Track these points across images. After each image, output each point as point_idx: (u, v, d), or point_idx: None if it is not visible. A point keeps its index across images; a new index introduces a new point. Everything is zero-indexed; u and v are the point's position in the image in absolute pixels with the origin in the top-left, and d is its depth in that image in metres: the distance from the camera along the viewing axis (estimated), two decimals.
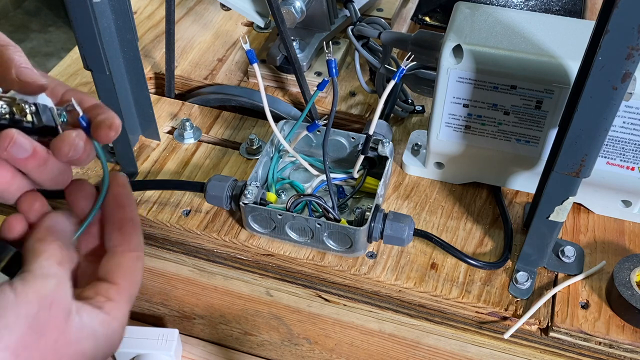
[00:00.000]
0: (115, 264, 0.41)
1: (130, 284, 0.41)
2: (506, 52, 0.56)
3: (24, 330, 0.34)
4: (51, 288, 0.36)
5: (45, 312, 0.35)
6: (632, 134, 0.56)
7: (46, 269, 0.37)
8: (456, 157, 0.66)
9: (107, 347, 0.39)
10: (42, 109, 0.41)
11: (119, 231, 0.42)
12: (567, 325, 0.56)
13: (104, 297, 0.40)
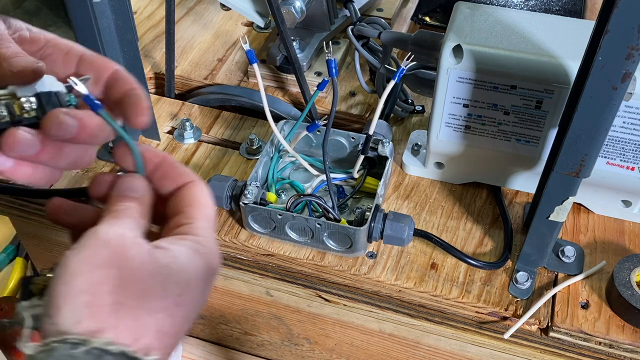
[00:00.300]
0: (177, 199, 0.41)
1: (200, 205, 0.41)
2: (506, 52, 0.56)
3: (88, 271, 0.34)
4: (103, 230, 0.36)
5: (102, 249, 0.35)
6: (632, 134, 0.56)
7: (100, 224, 0.37)
8: (456, 157, 0.66)
9: (209, 267, 0.39)
10: (46, 97, 0.40)
11: (165, 178, 0.42)
12: (567, 325, 0.56)
13: (177, 225, 0.40)
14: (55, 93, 0.40)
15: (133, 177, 0.41)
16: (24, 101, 0.39)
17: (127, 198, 0.40)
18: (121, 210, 0.39)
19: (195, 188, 0.42)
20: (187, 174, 0.42)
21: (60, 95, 0.40)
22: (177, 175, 0.42)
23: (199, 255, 0.38)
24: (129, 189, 0.40)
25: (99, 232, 0.36)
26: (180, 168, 0.42)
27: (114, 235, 0.36)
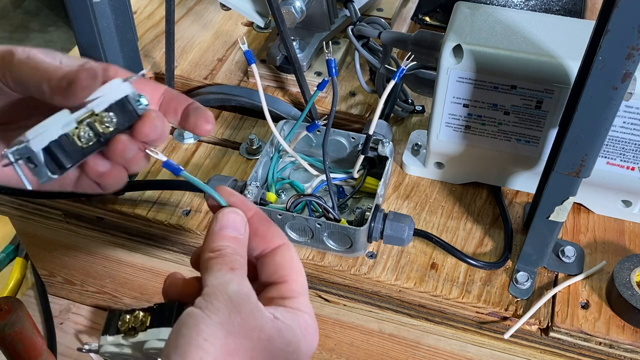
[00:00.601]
0: (273, 264, 0.40)
1: (297, 274, 0.40)
2: (506, 52, 0.56)
3: (224, 337, 0.34)
4: (233, 290, 0.36)
5: (236, 315, 0.35)
6: (632, 134, 0.56)
7: (221, 277, 0.36)
8: (456, 157, 0.66)
9: (310, 339, 0.38)
10: (120, 105, 0.39)
11: (255, 236, 0.41)
12: (567, 326, 0.56)
13: (282, 297, 0.39)
14: (126, 98, 0.40)
15: (235, 213, 0.40)
16: (104, 116, 0.39)
17: (230, 238, 0.39)
18: (229, 254, 0.38)
19: (291, 253, 0.41)
20: (280, 235, 0.41)
21: (130, 99, 0.40)
22: (269, 235, 0.41)
23: (309, 333, 0.38)
24: (232, 227, 0.39)
25: (229, 291, 0.35)
26: (273, 227, 0.41)
27: (244, 299, 0.36)
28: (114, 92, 0.39)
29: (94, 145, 0.39)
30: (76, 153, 0.38)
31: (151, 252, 0.71)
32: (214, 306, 0.35)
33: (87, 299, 0.88)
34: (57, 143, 0.38)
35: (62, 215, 0.71)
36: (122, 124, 0.39)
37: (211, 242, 0.39)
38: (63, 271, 0.85)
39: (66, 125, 0.38)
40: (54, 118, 0.38)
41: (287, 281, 0.39)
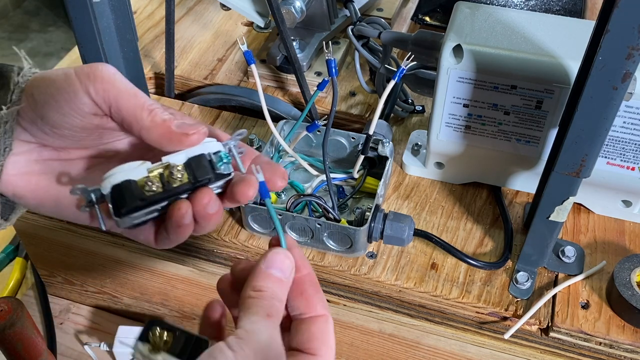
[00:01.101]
0: (308, 333, 0.40)
1: (328, 349, 0.39)
2: (506, 52, 0.56)
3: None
4: (265, 341, 0.36)
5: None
6: (633, 134, 0.56)
7: (256, 323, 0.36)
8: (456, 157, 0.66)
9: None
10: (196, 162, 0.39)
11: (301, 296, 0.40)
12: (567, 326, 0.56)
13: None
14: (208, 155, 0.39)
15: (285, 256, 0.40)
16: (175, 171, 0.39)
17: (275, 280, 0.39)
18: (269, 297, 0.38)
19: (329, 327, 0.40)
20: (323, 305, 0.41)
21: (212, 158, 0.40)
22: (314, 301, 0.40)
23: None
24: (279, 268, 0.39)
25: (261, 341, 0.35)
26: (320, 294, 0.41)
27: (273, 355, 0.36)
28: (198, 148, 0.39)
29: (157, 196, 0.38)
30: (139, 201, 0.38)
31: (151, 252, 0.71)
32: (244, 352, 0.35)
33: (87, 299, 0.88)
34: (123, 187, 0.38)
35: None
36: (193, 183, 0.39)
37: (254, 279, 0.38)
38: (63, 271, 0.85)
39: (137, 171, 0.38)
40: (131, 164, 0.39)
41: (317, 355, 0.39)
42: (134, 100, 0.40)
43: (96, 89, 0.39)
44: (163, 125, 0.39)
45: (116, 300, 0.85)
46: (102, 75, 0.40)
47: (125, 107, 0.40)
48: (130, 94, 0.40)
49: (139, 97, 0.40)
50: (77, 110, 0.40)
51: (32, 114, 0.40)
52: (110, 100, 0.40)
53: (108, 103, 0.40)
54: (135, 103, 0.40)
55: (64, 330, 0.86)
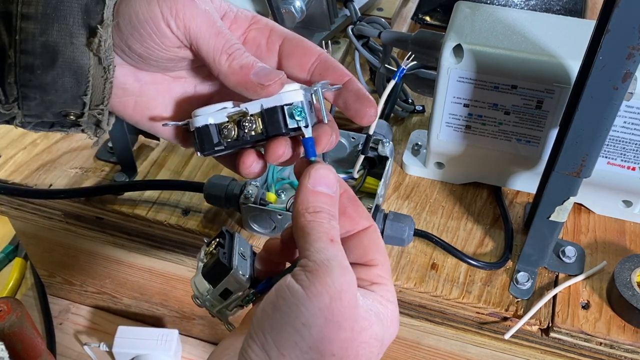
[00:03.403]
0: (362, 247, 0.39)
1: (384, 258, 0.39)
2: (507, 51, 0.56)
3: (323, 324, 0.33)
4: (337, 276, 0.34)
5: (337, 303, 0.33)
6: (633, 134, 0.56)
7: (323, 252, 0.35)
8: (456, 157, 0.65)
9: (393, 330, 0.37)
10: (270, 114, 0.39)
11: (344, 215, 0.39)
12: (567, 326, 0.56)
13: (371, 282, 0.38)
14: (281, 108, 0.39)
15: (329, 170, 0.38)
16: (248, 120, 0.39)
17: (325, 197, 0.37)
18: (327, 219, 0.36)
19: (378, 235, 0.39)
20: (367, 216, 0.40)
21: (286, 111, 0.39)
22: (356, 216, 0.39)
23: (393, 325, 0.37)
24: (326, 184, 0.37)
25: (333, 275, 0.34)
26: (360, 208, 0.40)
27: (346, 287, 0.34)
28: (276, 97, 0.39)
29: (233, 143, 0.40)
30: (216, 146, 0.40)
31: (151, 252, 0.70)
32: (317, 289, 0.33)
33: (87, 299, 0.88)
34: (203, 131, 0.40)
35: (61, 216, 0.71)
36: (265, 135, 0.39)
37: (305, 201, 0.37)
38: (62, 271, 0.85)
39: (217, 115, 0.40)
40: (217, 106, 0.40)
41: (377, 265, 0.38)
42: (213, 40, 0.39)
43: (177, 23, 0.38)
44: (240, 72, 0.38)
45: (116, 301, 0.85)
46: (183, 9, 0.38)
47: (204, 48, 0.39)
48: (212, 33, 0.39)
49: (220, 36, 0.39)
50: (160, 44, 0.39)
51: (120, 42, 0.39)
52: (190, 38, 0.39)
53: (189, 40, 0.39)
54: (215, 45, 0.39)
55: (63, 330, 0.86)
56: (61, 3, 0.38)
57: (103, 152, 0.72)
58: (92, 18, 0.38)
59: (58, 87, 0.39)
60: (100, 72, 0.39)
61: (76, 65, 0.39)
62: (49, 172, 0.70)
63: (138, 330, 0.79)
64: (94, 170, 0.70)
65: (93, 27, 0.38)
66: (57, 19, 0.38)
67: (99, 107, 0.41)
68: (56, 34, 0.38)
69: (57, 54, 0.38)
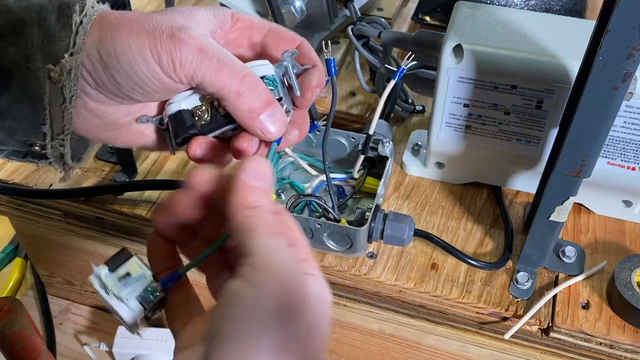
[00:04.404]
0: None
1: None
2: (507, 51, 0.56)
3: (279, 325, 0.30)
4: (282, 264, 0.32)
5: (287, 295, 0.31)
6: (633, 133, 0.56)
7: (267, 246, 0.32)
8: (457, 157, 0.65)
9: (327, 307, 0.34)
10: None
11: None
12: (567, 326, 0.56)
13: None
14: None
15: (263, 163, 0.36)
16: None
17: (263, 193, 0.35)
18: (266, 212, 0.34)
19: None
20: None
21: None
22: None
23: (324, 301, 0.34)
24: (261, 178, 0.35)
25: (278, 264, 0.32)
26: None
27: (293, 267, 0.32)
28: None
29: (208, 126, 0.40)
30: (190, 131, 0.40)
31: None
32: (268, 283, 0.31)
33: (87, 299, 0.88)
34: (177, 117, 0.39)
35: (61, 216, 0.71)
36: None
37: (242, 194, 0.34)
38: (62, 271, 0.85)
39: (190, 100, 0.39)
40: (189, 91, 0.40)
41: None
42: (216, 79, 0.38)
43: (179, 74, 0.37)
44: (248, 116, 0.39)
45: None
46: (180, 54, 0.37)
47: (211, 89, 0.38)
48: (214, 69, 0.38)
49: (224, 72, 0.38)
50: (159, 87, 0.38)
51: (100, 72, 0.37)
52: (194, 81, 0.38)
53: (193, 82, 0.38)
54: (220, 84, 0.38)
55: (63, 330, 0.86)
56: (21, 25, 0.36)
57: (103, 152, 0.72)
58: (54, 44, 0.36)
59: (15, 112, 0.38)
60: (58, 99, 0.37)
61: (31, 92, 0.37)
62: (49, 172, 0.70)
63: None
64: (94, 170, 0.70)
65: (55, 53, 0.36)
66: (14, 41, 0.36)
67: (60, 136, 0.39)
68: (11, 57, 0.36)
69: (11, 78, 0.36)
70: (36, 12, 0.36)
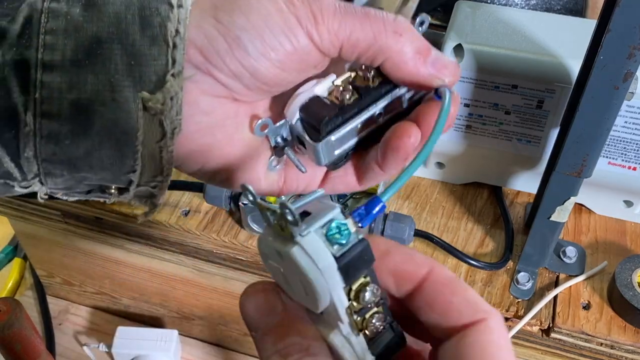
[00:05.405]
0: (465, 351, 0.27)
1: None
2: (507, 51, 0.56)
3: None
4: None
5: None
6: (634, 133, 0.56)
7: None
8: (457, 157, 0.65)
9: None
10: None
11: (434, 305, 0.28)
12: (568, 326, 0.56)
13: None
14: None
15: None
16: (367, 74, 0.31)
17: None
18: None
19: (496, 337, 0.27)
20: (479, 304, 0.27)
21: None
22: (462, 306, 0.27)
23: None
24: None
25: None
26: (470, 294, 0.27)
27: None
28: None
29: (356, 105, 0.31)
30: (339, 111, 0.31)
31: (150, 253, 0.70)
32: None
33: (86, 299, 0.87)
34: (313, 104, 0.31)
35: (60, 216, 0.71)
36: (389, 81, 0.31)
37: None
38: (62, 272, 0.85)
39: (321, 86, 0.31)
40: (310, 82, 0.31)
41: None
42: (368, 26, 0.30)
43: (324, 19, 0.29)
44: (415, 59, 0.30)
45: (115, 301, 0.85)
46: (326, 4, 0.29)
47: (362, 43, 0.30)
48: (362, 18, 0.30)
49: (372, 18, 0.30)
50: (303, 66, 0.30)
51: (238, 66, 0.29)
52: (340, 35, 0.30)
53: (333, 37, 0.30)
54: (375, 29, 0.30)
55: (62, 330, 0.86)
56: (98, 45, 0.27)
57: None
58: (145, 65, 0.28)
59: (94, 162, 0.29)
60: (155, 135, 0.29)
61: (119, 131, 0.28)
62: None
63: (137, 331, 0.79)
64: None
65: (148, 77, 0.28)
66: (91, 67, 0.27)
67: (156, 179, 0.31)
68: (91, 88, 0.28)
69: (92, 116, 0.28)
70: (114, 26, 0.28)
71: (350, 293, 0.26)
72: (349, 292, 0.26)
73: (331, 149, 0.31)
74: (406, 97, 0.33)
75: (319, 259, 0.25)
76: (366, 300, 0.26)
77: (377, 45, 0.30)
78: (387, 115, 0.32)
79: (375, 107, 0.32)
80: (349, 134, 0.32)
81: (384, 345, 0.28)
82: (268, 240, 0.27)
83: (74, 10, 0.27)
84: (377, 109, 0.32)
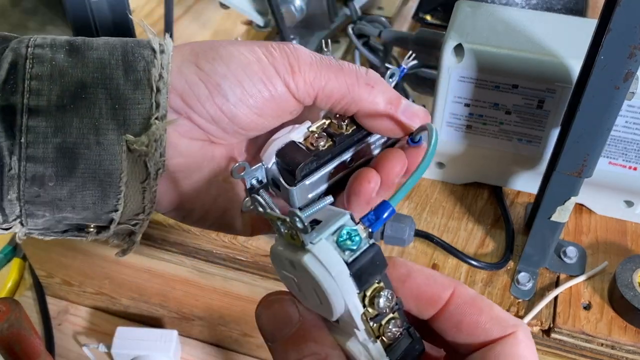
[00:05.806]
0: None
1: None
2: (508, 51, 0.56)
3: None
4: None
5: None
6: (635, 133, 0.56)
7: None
8: (457, 157, 0.65)
9: None
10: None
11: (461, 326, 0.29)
12: (569, 327, 0.56)
13: None
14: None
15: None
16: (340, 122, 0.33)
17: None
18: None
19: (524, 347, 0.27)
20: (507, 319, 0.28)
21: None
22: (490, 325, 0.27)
23: None
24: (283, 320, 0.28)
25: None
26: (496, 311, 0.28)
27: None
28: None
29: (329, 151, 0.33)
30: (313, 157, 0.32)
31: (150, 253, 0.70)
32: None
33: (86, 300, 0.87)
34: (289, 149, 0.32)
35: None
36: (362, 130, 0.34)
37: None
38: (61, 272, 0.84)
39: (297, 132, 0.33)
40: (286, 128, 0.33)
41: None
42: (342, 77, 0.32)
43: (301, 70, 0.31)
44: (386, 108, 0.33)
45: (114, 301, 0.85)
46: (297, 62, 0.31)
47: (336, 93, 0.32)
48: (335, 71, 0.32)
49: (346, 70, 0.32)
50: (280, 112, 0.32)
51: (217, 111, 0.30)
52: (315, 85, 0.31)
53: (308, 88, 0.31)
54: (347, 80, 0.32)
55: (62, 331, 0.86)
56: (83, 89, 0.28)
57: None
58: (129, 108, 0.29)
59: (76, 202, 0.30)
60: (140, 175, 0.30)
61: (102, 173, 0.29)
62: None
63: (137, 331, 0.78)
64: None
65: (131, 120, 0.29)
66: (76, 111, 0.28)
67: (138, 217, 0.32)
68: (75, 132, 0.28)
69: (76, 159, 0.29)
70: (99, 71, 0.29)
71: (364, 299, 0.27)
72: (363, 298, 0.26)
73: (305, 193, 0.33)
74: (378, 143, 0.35)
75: (331, 266, 0.25)
76: (381, 307, 0.27)
77: (350, 96, 0.32)
78: (357, 160, 0.34)
79: (347, 154, 0.34)
80: (321, 178, 0.33)
81: (402, 352, 0.28)
82: (279, 251, 0.28)
83: (58, 56, 0.28)
84: (349, 155, 0.34)
